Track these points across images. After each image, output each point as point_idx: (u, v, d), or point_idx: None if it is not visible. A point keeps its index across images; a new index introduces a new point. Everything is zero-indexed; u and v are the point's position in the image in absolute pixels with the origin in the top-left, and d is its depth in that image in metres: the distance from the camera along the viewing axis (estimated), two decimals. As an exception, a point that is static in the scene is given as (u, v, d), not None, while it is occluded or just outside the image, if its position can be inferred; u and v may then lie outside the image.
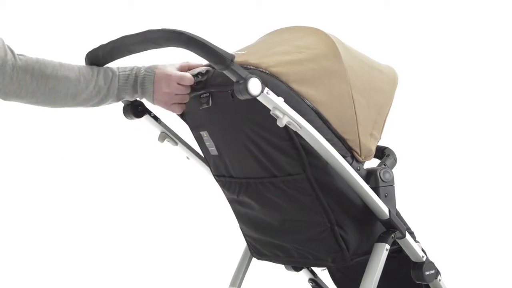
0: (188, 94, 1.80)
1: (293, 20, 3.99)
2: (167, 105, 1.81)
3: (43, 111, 1.92)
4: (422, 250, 1.95)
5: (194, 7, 3.95)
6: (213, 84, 1.73)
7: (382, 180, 1.79)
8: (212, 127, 1.86)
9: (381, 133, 1.84)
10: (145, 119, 2.01)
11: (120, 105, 2.00)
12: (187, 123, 1.95)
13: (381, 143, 1.94)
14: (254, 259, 2.22)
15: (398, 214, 1.90)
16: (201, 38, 1.51)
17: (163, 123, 2.04)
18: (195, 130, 1.93)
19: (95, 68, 1.74)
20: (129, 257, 3.59)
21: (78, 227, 3.70)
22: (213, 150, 1.90)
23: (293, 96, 1.63)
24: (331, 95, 1.69)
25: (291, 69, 1.65)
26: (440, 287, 2.01)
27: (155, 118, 2.03)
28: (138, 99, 1.85)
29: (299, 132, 1.61)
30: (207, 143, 1.91)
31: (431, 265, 1.93)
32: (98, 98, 1.74)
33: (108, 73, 1.73)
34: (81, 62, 1.80)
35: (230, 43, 1.84)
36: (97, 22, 3.79)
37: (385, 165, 1.90)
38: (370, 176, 1.79)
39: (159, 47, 1.60)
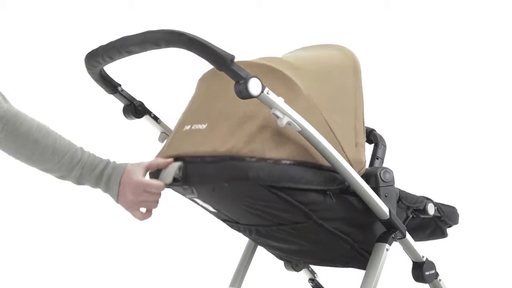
0: (156, 203, 1.72)
1: (293, 20, 4.00)
2: (131, 211, 1.72)
3: (43, 112, 1.91)
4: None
5: (194, 7, 3.95)
6: (192, 182, 1.67)
7: (383, 180, 1.79)
8: (204, 199, 1.83)
9: (364, 134, 1.80)
10: (145, 119, 2.01)
11: (120, 105, 2.01)
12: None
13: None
14: (254, 259, 2.22)
15: (408, 196, 1.91)
16: (201, 38, 1.51)
17: (163, 123, 2.04)
18: (187, 197, 1.88)
19: (70, 145, 1.66)
20: (129, 257, 3.59)
21: (78, 228, 3.70)
22: (210, 208, 1.89)
23: (273, 165, 1.58)
24: None
25: (263, 138, 1.58)
26: (440, 287, 2.01)
27: (155, 118, 2.03)
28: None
29: (300, 133, 1.60)
30: (203, 205, 1.88)
31: (431, 265, 1.93)
32: (59, 174, 1.67)
33: (76, 156, 1.66)
34: (81, 62, 1.80)
35: (230, 43, 1.84)
36: (97, 22, 3.79)
37: (377, 158, 1.91)
38: (370, 177, 1.79)
39: (159, 48, 1.59)
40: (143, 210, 1.73)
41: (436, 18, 4.00)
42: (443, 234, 2.11)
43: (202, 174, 1.62)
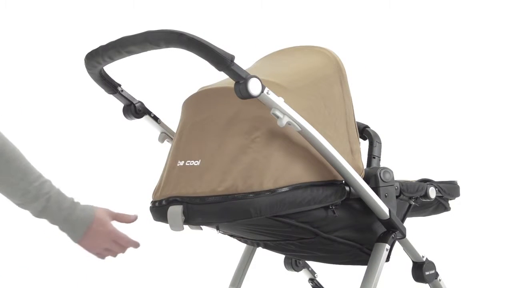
0: (121, 253, 1.79)
1: (293, 20, 4.00)
2: (93, 253, 1.76)
3: (43, 113, 1.91)
4: None
5: (194, 7, 3.95)
6: (195, 222, 1.67)
7: (382, 181, 1.79)
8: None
9: (357, 138, 1.80)
10: (145, 119, 2.01)
11: (120, 105, 2.01)
12: None
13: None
14: (254, 259, 2.22)
15: (409, 185, 1.91)
16: (201, 39, 1.50)
17: (163, 123, 2.04)
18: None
19: (40, 175, 1.64)
20: (130, 258, 3.59)
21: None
22: (215, 230, 1.91)
23: (271, 196, 1.59)
24: (304, 150, 1.64)
25: (257, 172, 1.57)
26: (440, 287, 2.01)
27: (155, 118, 2.03)
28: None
29: (300, 133, 1.60)
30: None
31: (431, 265, 1.93)
32: (20, 201, 1.64)
33: (45, 187, 1.64)
34: (81, 63, 1.80)
35: (230, 43, 1.84)
36: (97, 22, 3.79)
37: (374, 157, 1.91)
38: (370, 177, 1.79)
39: (159, 48, 1.59)
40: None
41: (437, 18, 4.00)
42: (446, 209, 2.13)
43: (205, 215, 1.62)
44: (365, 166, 1.86)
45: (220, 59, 1.49)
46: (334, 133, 1.72)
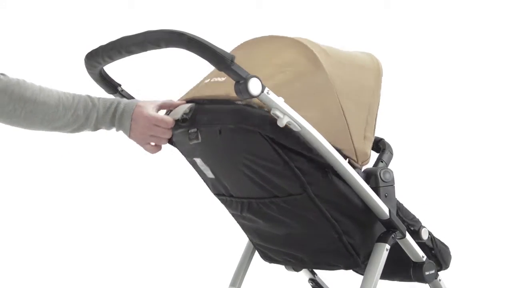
0: (165, 138, 1.77)
1: (293, 20, 4.00)
2: (141, 145, 1.79)
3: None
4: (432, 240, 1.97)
5: (194, 7, 3.95)
6: (199, 123, 1.71)
7: (382, 180, 1.79)
8: (204, 155, 1.84)
9: (374, 132, 1.83)
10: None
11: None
12: (178, 149, 1.91)
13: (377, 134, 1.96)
14: (254, 259, 2.22)
15: (404, 209, 1.90)
16: (201, 38, 1.51)
17: (163, 123, 2.04)
18: (188, 157, 1.91)
19: (76, 96, 1.72)
20: (130, 258, 3.59)
21: (78, 229, 3.70)
22: (208, 173, 1.89)
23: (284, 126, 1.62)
24: (320, 111, 1.67)
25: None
26: (440, 287, 2.01)
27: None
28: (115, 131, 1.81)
29: (300, 133, 1.61)
30: (201, 167, 1.89)
31: (431, 265, 1.93)
32: (75, 126, 1.72)
33: (88, 103, 1.72)
34: (81, 62, 1.80)
35: (230, 43, 1.84)
36: (97, 22, 3.79)
37: (382, 162, 1.91)
38: (370, 176, 1.79)
39: (159, 48, 1.60)
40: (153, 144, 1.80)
41: (437, 18, 4.00)
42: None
43: (211, 114, 1.66)
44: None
45: (220, 59, 1.50)
46: (355, 110, 1.76)
